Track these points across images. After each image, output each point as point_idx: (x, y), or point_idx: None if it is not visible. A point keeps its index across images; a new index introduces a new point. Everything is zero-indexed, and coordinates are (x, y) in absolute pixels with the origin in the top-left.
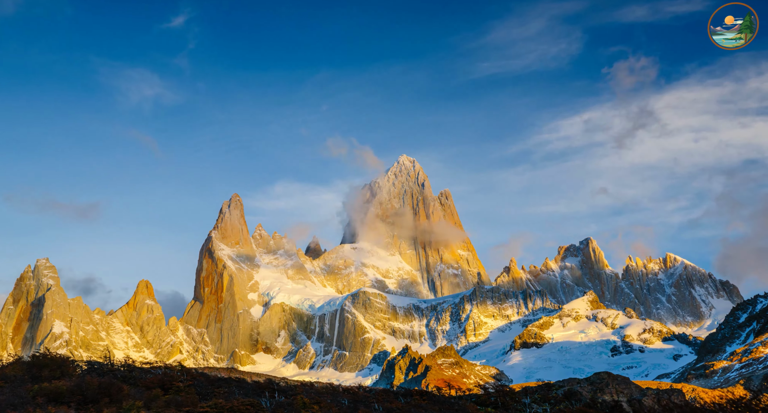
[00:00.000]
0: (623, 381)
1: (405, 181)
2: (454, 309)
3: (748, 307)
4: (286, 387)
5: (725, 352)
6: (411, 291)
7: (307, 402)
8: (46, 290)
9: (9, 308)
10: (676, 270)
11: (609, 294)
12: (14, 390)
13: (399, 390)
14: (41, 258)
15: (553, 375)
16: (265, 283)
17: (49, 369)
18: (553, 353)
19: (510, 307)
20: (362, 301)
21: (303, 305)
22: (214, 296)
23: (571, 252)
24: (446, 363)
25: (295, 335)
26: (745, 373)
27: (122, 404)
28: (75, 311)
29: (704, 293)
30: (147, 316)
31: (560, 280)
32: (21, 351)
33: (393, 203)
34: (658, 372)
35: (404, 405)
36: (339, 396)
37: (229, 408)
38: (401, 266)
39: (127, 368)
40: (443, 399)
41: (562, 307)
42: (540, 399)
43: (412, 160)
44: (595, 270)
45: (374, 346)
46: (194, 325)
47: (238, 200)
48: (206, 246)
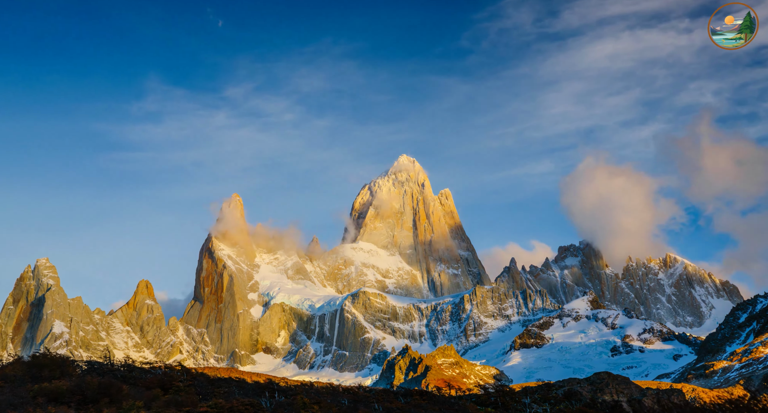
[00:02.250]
0: (623, 381)
1: (405, 181)
2: (454, 309)
3: (748, 307)
4: (286, 387)
5: (725, 352)
6: (411, 291)
7: (307, 402)
8: (46, 290)
9: (9, 308)
10: (676, 270)
11: (609, 294)
12: (14, 390)
13: (399, 390)
14: (41, 258)
15: (553, 375)
16: (265, 283)
17: (49, 369)
18: (553, 353)
19: (510, 307)
20: (362, 301)
21: (303, 305)
22: (214, 296)
23: (571, 252)
24: (446, 363)
25: (295, 335)
26: (745, 373)
27: (122, 404)
28: (75, 311)
29: (704, 293)
30: (147, 316)
31: (560, 280)
32: (21, 351)
33: (393, 203)
34: (658, 372)
35: (404, 405)
36: (339, 396)
37: (229, 408)
38: (401, 266)
39: (127, 368)
40: (443, 399)
41: (562, 307)
42: (540, 399)
43: (412, 160)
44: (595, 270)
45: (374, 346)
46: (194, 325)
47: (238, 200)
48: (206, 246)
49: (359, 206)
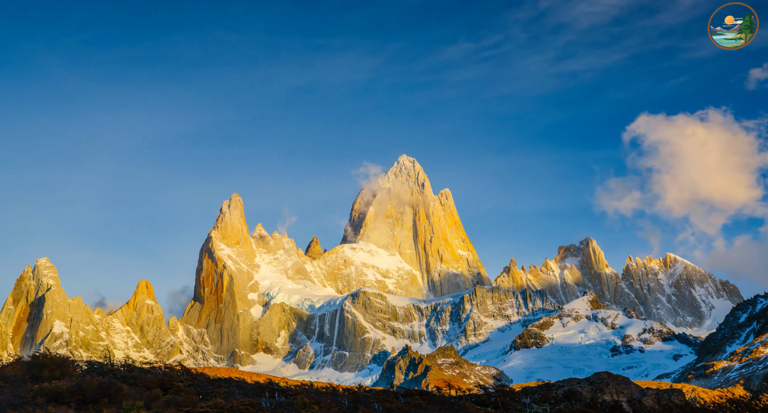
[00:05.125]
0: (623, 381)
1: (405, 181)
2: (454, 309)
3: (748, 307)
4: (286, 387)
5: (725, 352)
6: (411, 291)
7: (307, 402)
8: (46, 290)
9: (9, 308)
10: (676, 270)
11: (609, 294)
12: (14, 390)
13: (399, 390)
14: (41, 258)
15: (553, 375)
16: (265, 283)
17: (49, 369)
18: (553, 353)
19: (510, 307)
20: (362, 301)
21: (303, 305)
22: (214, 296)
23: (571, 252)
24: (446, 363)
25: (295, 335)
26: (745, 373)
27: (122, 404)
28: (75, 311)
29: (704, 293)
30: (147, 316)
31: (560, 280)
32: (21, 351)
33: (393, 203)
34: (658, 372)
35: (404, 405)
36: (339, 396)
37: (229, 408)
38: (401, 266)
39: (127, 368)
40: (443, 399)
41: (562, 307)
42: (540, 399)
43: (412, 160)
44: (595, 270)
45: (374, 346)
46: (194, 325)
47: (238, 200)
48: (206, 246)
49: (359, 206)
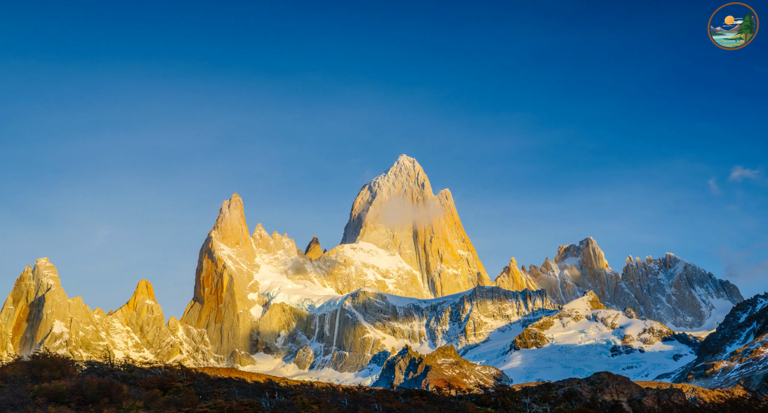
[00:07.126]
0: (623, 381)
1: (405, 181)
2: (454, 309)
3: (748, 307)
4: (286, 387)
5: (725, 352)
6: (411, 291)
7: (307, 402)
8: (46, 290)
9: (9, 308)
10: (676, 270)
11: (609, 294)
12: (14, 390)
13: (399, 390)
14: (41, 258)
15: (553, 375)
16: (265, 283)
17: (49, 369)
18: (553, 353)
19: (510, 307)
20: (362, 301)
21: (303, 305)
22: (214, 296)
23: (570, 252)
24: (446, 363)
25: (295, 335)
26: (745, 373)
27: (122, 404)
28: (75, 311)
29: (704, 293)
30: (147, 316)
31: (560, 280)
32: (21, 351)
33: (393, 203)
34: (658, 372)
35: (404, 405)
36: (339, 396)
37: (229, 408)
38: (401, 266)
39: (127, 368)
40: (443, 399)
41: (562, 307)
42: (540, 399)
43: (412, 160)
44: (595, 270)
45: (374, 346)
46: (194, 325)
47: (238, 200)
48: (206, 246)
49: (359, 206)
